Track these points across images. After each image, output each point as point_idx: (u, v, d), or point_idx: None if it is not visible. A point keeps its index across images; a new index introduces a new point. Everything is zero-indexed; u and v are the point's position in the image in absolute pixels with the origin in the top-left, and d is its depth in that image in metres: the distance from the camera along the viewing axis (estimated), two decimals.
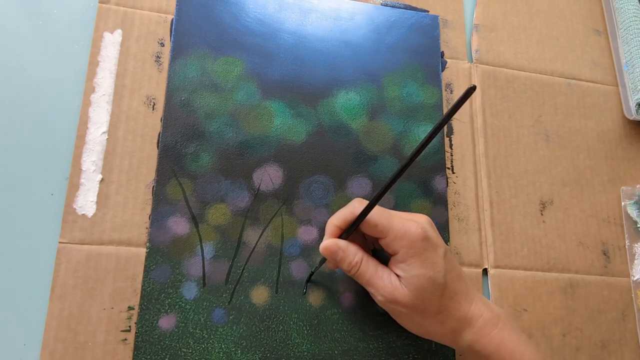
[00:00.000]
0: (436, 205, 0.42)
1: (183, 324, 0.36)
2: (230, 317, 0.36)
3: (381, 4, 0.47)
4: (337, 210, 0.40)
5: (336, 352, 0.37)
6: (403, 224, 0.33)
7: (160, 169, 0.38)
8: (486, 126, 0.46)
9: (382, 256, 0.36)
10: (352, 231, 0.34)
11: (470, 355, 0.34)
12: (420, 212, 0.38)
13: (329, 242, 0.34)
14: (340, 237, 0.35)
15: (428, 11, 0.48)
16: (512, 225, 0.44)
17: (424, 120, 0.44)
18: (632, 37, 0.49)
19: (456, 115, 0.46)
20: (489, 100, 0.47)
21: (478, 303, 0.34)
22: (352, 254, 0.34)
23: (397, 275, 0.33)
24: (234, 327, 0.36)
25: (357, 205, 0.34)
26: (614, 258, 0.45)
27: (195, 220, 0.38)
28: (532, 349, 0.33)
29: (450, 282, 0.33)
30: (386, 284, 0.33)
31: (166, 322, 0.35)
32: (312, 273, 0.38)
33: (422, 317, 0.33)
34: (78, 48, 0.40)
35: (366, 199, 0.34)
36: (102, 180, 0.38)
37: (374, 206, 0.33)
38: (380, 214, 0.33)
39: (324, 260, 0.37)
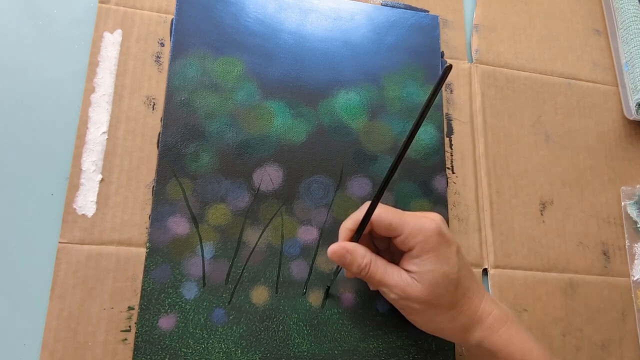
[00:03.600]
0: (436, 205, 0.42)
1: (183, 324, 0.36)
2: (230, 317, 0.36)
3: (381, 4, 0.47)
4: (337, 210, 0.40)
5: (336, 352, 0.37)
6: (417, 220, 0.33)
7: (160, 169, 0.38)
8: (486, 126, 0.46)
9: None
10: (362, 231, 0.34)
11: (479, 353, 0.35)
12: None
13: (335, 247, 0.34)
14: (351, 239, 0.35)
15: (428, 11, 0.48)
16: (512, 225, 0.44)
17: (424, 120, 0.44)
18: (632, 37, 0.49)
19: (456, 115, 0.46)
20: (489, 100, 0.47)
21: (488, 301, 0.34)
22: (360, 255, 0.34)
23: (410, 272, 0.33)
24: (234, 327, 0.36)
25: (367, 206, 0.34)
26: (614, 258, 0.45)
27: (195, 220, 0.38)
28: (540, 346, 0.34)
29: (463, 279, 0.33)
30: (398, 281, 0.33)
31: (166, 322, 0.35)
32: (329, 287, 0.38)
33: (434, 312, 0.33)
34: (78, 48, 0.40)
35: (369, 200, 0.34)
36: (102, 180, 0.38)
37: (378, 200, 0.33)
38: (392, 213, 0.34)
39: (339, 269, 0.37)
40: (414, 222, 0.33)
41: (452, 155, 0.44)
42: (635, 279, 0.45)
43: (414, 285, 0.33)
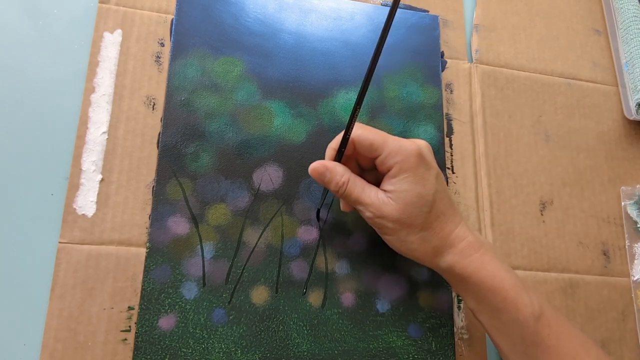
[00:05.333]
0: None
1: (183, 324, 0.36)
2: (230, 317, 0.36)
3: (381, 4, 0.47)
4: (337, 210, 0.40)
5: (336, 352, 0.37)
6: (398, 141, 0.34)
7: (160, 169, 0.38)
8: (486, 126, 0.46)
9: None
10: (343, 150, 0.35)
11: (451, 278, 0.35)
12: None
13: (316, 164, 0.35)
14: (335, 160, 0.35)
15: (428, 11, 0.48)
16: (512, 225, 0.44)
17: (424, 120, 0.44)
18: (632, 37, 0.49)
19: (456, 115, 0.46)
20: (489, 100, 0.47)
21: (463, 227, 0.35)
22: (339, 174, 0.34)
23: (387, 191, 0.34)
24: (234, 327, 0.36)
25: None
26: (614, 258, 0.45)
27: (195, 220, 0.38)
28: (512, 275, 0.34)
29: (439, 202, 0.34)
30: (374, 200, 0.34)
31: (166, 322, 0.35)
32: (319, 210, 0.40)
33: (406, 232, 0.34)
34: (78, 48, 0.41)
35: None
36: (102, 180, 0.38)
37: (354, 118, 0.33)
38: (375, 133, 0.34)
39: (326, 191, 0.38)
40: (395, 143, 0.34)
41: (452, 155, 0.44)
42: (635, 279, 0.45)
43: (388, 204, 0.33)
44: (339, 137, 0.35)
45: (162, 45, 0.41)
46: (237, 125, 0.41)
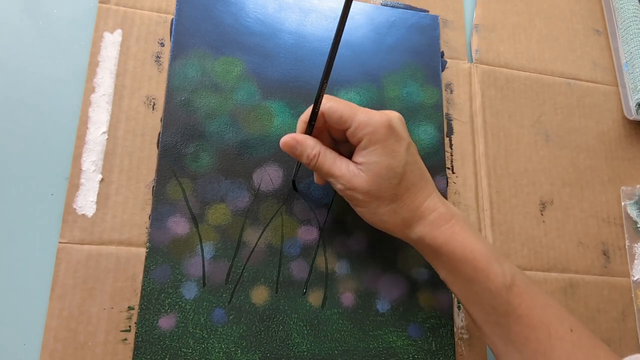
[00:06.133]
0: None
1: (183, 324, 0.36)
2: (230, 317, 0.36)
3: (381, 4, 0.47)
4: (337, 210, 0.40)
5: (336, 352, 0.37)
6: (367, 113, 0.34)
7: (160, 169, 0.38)
8: (486, 126, 0.46)
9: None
10: (313, 122, 0.34)
11: (422, 249, 0.35)
12: None
13: (286, 137, 0.35)
14: (305, 133, 0.35)
15: (428, 11, 0.48)
16: (512, 225, 0.44)
17: (424, 120, 0.44)
18: (632, 37, 0.49)
19: (456, 115, 0.46)
20: (489, 100, 0.47)
21: (434, 199, 0.35)
22: (309, 146, 0.34)
23: (357, 164, 0.34)
24: (234, 327, 0.36)
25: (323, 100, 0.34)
26: (614, 258, 0.45)
27: (195, 220, 0.38)
28: (484, 245, 0.34)
29: (409, 174, 0.34)
30: (344, 172, 0.34)
31: (166, 322, 0.35)
32: (294, 181, 0.40)
33: (376, 204, 0.34)
34: (78, 48, 0.41)
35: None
36: (102, 180, 0.38)
37: (322, 91, 0.32)
38: (344, 105, 0.34)
39: (299, 163, 0.38)
40: (364, 115, 0.33)
41: (452, 155, 0.44)
42: (635, 279, 0.45)
43: (359, 176, 0.33)
44: (310, 110, 0.35)
45: (162, 45, 0.41)
46: (237, 125, 0.41)
